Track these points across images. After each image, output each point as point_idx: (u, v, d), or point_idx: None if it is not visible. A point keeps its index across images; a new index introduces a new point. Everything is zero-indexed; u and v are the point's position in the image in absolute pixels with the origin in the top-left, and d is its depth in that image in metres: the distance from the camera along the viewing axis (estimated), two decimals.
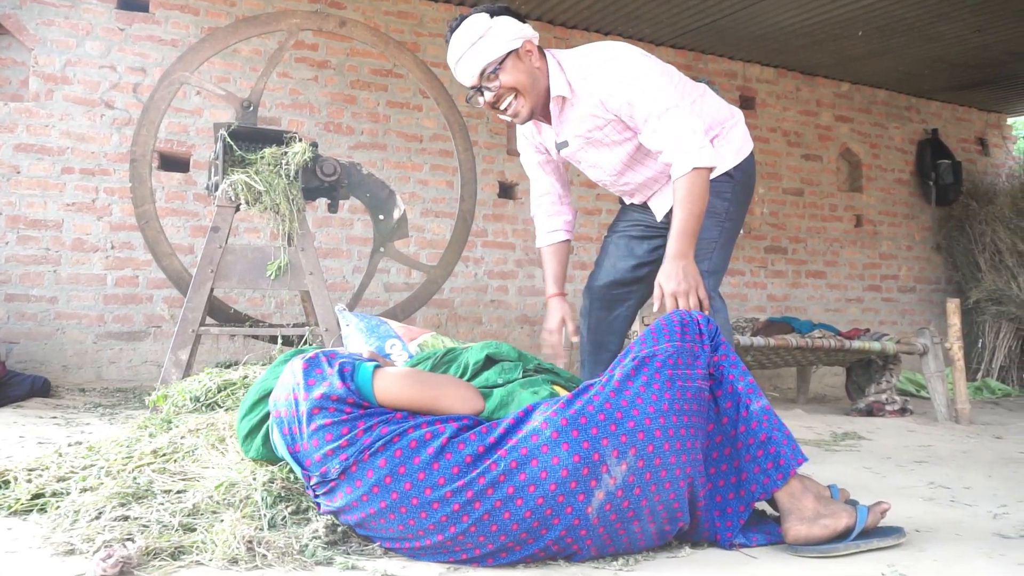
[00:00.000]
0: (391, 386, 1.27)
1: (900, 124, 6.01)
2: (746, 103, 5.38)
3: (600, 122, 1.81)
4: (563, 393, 1.60)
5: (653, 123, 1.72)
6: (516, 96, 1.76)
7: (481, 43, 1.69)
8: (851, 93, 5.79)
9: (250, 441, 1.45)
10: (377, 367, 1.31)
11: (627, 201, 2.09)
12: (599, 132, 1.83)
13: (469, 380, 1.58)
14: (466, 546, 1.18)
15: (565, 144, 1.90)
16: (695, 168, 1.68)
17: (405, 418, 1.25)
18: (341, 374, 1.25)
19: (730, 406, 1.34)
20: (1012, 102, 6.32)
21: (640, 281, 2.06)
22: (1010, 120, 6.77)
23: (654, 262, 2.01)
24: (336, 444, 1.20)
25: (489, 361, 1.62)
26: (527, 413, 1.28)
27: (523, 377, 1.58)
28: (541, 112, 1.84)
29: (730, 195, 1.91)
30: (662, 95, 1.73)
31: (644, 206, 2.05)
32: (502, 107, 1.78)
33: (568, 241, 2.07)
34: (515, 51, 1.73)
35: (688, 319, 1.37)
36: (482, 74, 1.72)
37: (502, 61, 1.72)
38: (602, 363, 2.06)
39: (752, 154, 1.97)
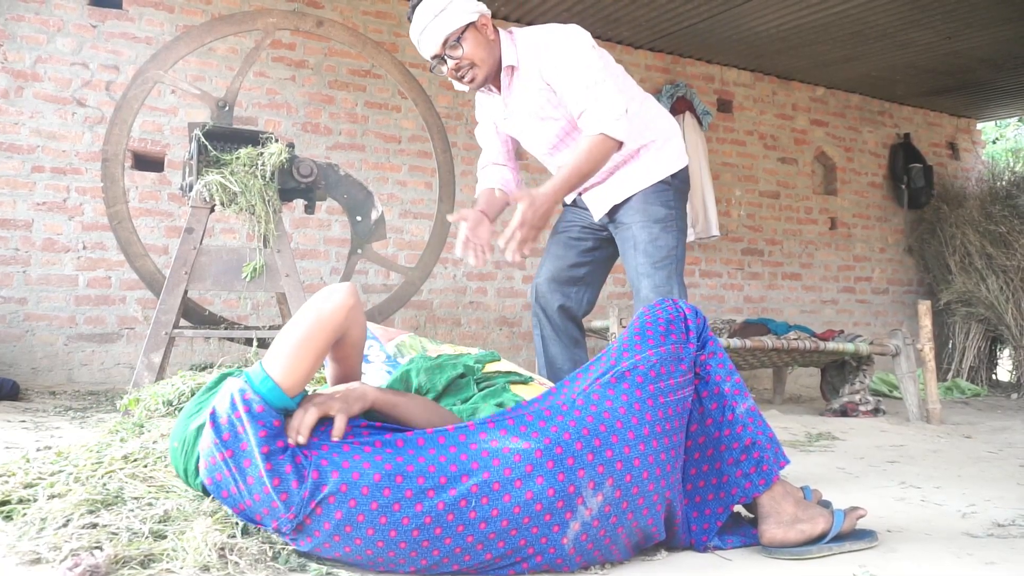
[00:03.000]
0: (289, 366, 1.15)
1: (873, 128, 6.10)
2: (723, 106, 5.43)
3: (539, 95, 1.94)
4: (525, 393, 1.58)
5: (581, 91, 1.84)
6: (472, 65, 1.92)
7: (443, 15, 1.86)
8: (826, 97, 5.88)
9: (198, 476, 1.29)
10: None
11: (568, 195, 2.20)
12: (537, 105, 1.96)
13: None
14: (442, 562, 1.16)
15: (509, 114, 2.04)
16: (603, 134, 1.81)
17: (325, 479, 1.12)
18: (252, 415, 1.14)
19: (715, 407, 1.32)
20: (981, 108, 6.45)
21: (578, 282, 2.17)
22: (979, 125, 6.91)
23: (589, 263, 2.16)
24: (276, 496, 1.11)
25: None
26: (495, 423, 1.21)
27: (480, 389, 1.57)
28: (493, 81, 2.00)
29: (673, 201, 2.05)
30: (595, 69, 1.87)
31: (580, 207, 2.16)
32: (460, 74, 1.94)
33: (499, 198, 2.12)
34: (473, 23, 1.90)
35: (675, 315, 1.33)
36: (445, 43, 1.88)
37: (463, 32, 1.88)
38: (553, 363, 2.15)
39: (687, 167, 2.11)
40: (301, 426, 1.16)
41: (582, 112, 1.85)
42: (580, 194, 2.14)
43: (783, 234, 5.61)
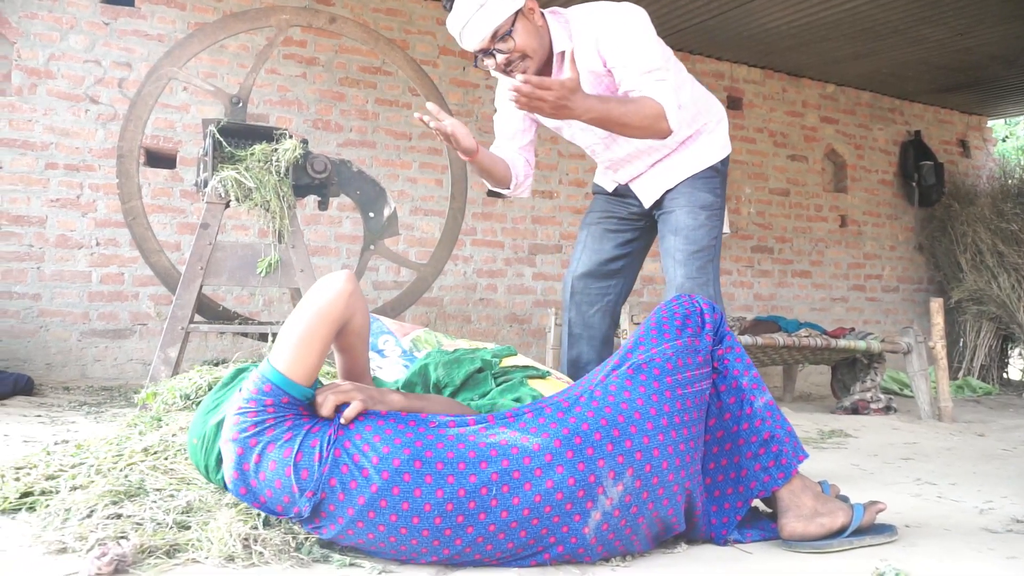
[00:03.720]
0: (294, 359, 1.17)
1: (884, 126, 6.08)
2: (733, 103, 5.42)
3: (597, 80, 1.79)
4: (542, 387, 1.59)
5: (639, 76, 1.70)
6: (524, 57, 1.74)
7: (489, 5, 1.67)
8: (836, 95, 5.85)
9: (219, 471, 1.31)
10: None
11: (608, 182, 2.09)
12: (591, 88, 1.80)
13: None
14: (464, 551, 1.16)
15: None
16: (661, 113, 1.66)
17: (348, 461, 1.14)
18: (262, 390, 1.17)
19: (733, 401, 1.33)
20: (992, 105, 6.42)
21: (615, 275, 2.07)
22: (990, 123, 6.87)
23: (627, 255, 2.07)
24: (297, 477, 1.13)
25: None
26: (514, 417, 1.22)
27: (498, 384, 1.57)
28: (543, 70, 1.82)
29: (719, 189, 1.97)
30: (657, 57, 1.72)
31: (618, 197, 2.07)
32: (510, 68, 1.76)
33: (502, 161, 1.94)
34: (520, 11, 1.71)
35: (691, 310, 1.34)
36: (494, 36, 1.70)
37: (512, 23, 1.70)
38: (578, 362, 2.07)
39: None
40: (321, 407, 1.20)
41: (638, 91, 1.70)
42: (626, 183, 2.03)
43: (793, 231, 5.59)
